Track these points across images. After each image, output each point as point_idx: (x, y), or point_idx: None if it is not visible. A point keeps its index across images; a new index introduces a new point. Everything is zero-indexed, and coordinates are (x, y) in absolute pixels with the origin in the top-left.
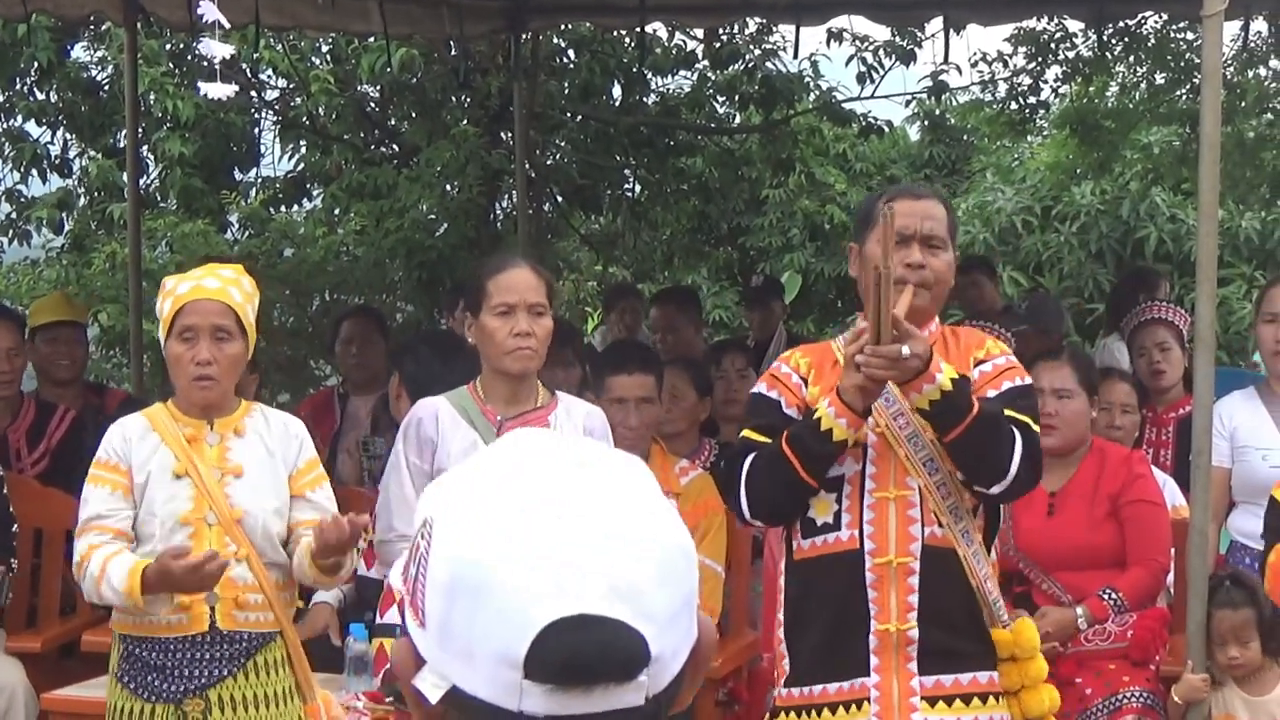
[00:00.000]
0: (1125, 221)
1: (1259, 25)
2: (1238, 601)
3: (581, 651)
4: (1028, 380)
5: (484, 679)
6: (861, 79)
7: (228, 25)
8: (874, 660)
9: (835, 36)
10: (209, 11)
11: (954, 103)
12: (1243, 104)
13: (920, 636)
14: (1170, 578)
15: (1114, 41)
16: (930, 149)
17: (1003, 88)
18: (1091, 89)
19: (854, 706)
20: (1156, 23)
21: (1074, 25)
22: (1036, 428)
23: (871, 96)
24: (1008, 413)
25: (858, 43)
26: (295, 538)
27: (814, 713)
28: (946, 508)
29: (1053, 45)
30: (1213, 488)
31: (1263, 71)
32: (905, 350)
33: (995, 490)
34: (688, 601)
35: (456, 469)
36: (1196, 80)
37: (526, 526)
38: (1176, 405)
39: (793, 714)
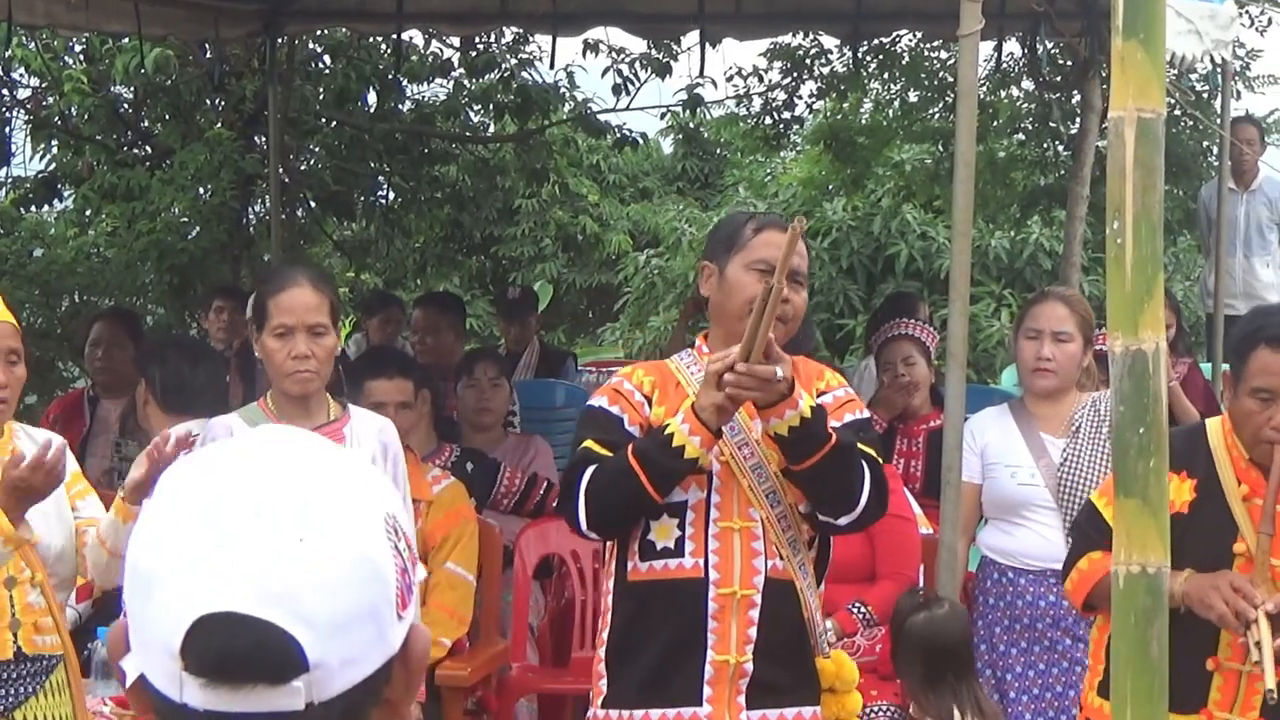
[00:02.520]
0: (876, 238)
1: (1011, 46)
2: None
3: (229, 649)
4: (866, 413)
5: (156, 669)
6: (617, 91)
7: None
8: (707, 690)
9: (592, 48)
10: None
11: (709, 116)
12: (995, 124)
13: (753, 669)
14: None
15: (869, 59)
16: (684, 162)
17: (757, 102)
18: (846, 105)
19: None
20: (911, 41)
21: (830, 42)
22: (880, 460)
23: (627, 108)
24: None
25: (614, 54)
26: (80, 534)
27: None
28: (786, 540)
29: (808, 61)
30: (963, 503)
31: (1015, 91)
32: (780, 372)
33: (843, 521)
34: (371, 612)
35: (180, 462)
36: (949, 99)
37: (198, 522)
38: (927, 418)
39: None
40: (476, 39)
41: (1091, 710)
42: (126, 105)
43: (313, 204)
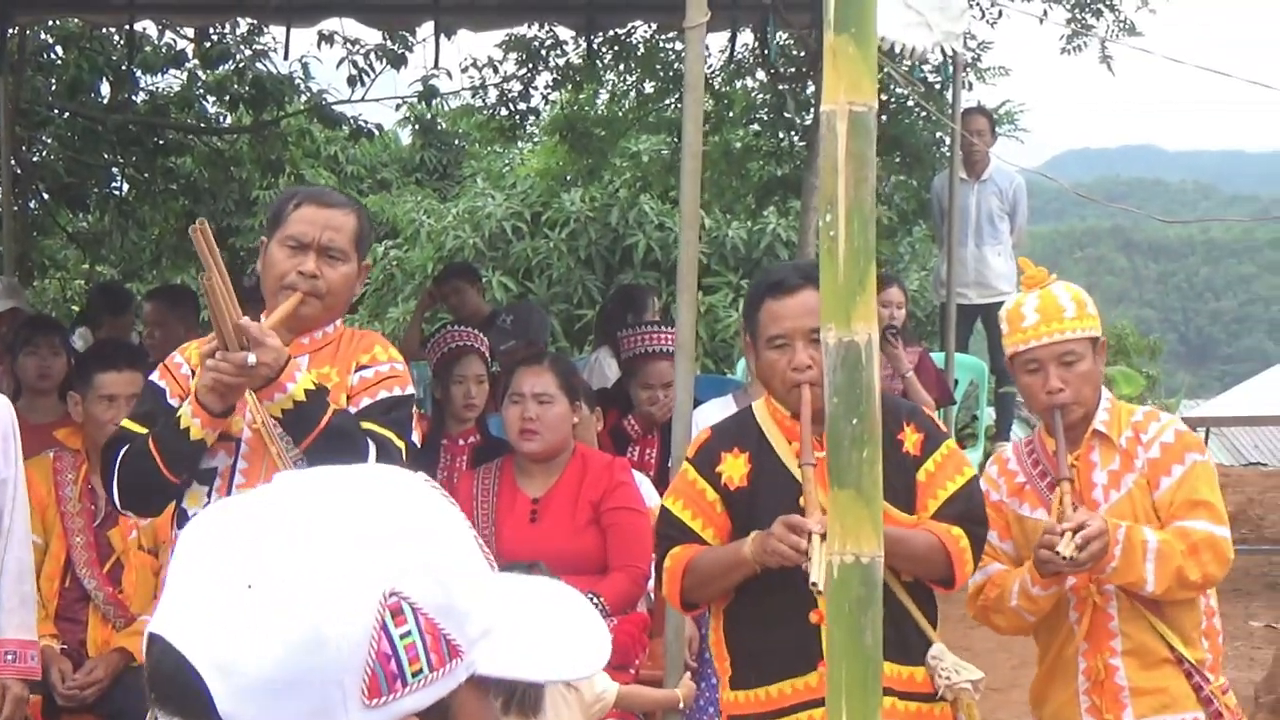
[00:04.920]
0: (614, 228)
1: (746, 37)
2: None
3: (155, 671)
4: (408, 391)
5: None
6: (352, 82)
7: None
8: None
9: (326, 39)
10: None
11: (445, 107)
12: (730, 114)
13: None
14: (651, 583)
15: (604, 50)
16: (421, 153)
17: (494, 93)
18: (582, 97)
19: None
20: (645, 33)
21: (565, 33)
22: (400, 443)
23: (362, 100)
24: (368, 426)
25: (349, 45)
26: None
27: None
28: None
29: (543, 52)
30: None
31: (749, 82)
32: (251, 359)
33: None
34: (304, 686)
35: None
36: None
37: (197, 543)
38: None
39: None
40: (210, 30)
41: (728, 705)
42: None
43: (46, 195)
